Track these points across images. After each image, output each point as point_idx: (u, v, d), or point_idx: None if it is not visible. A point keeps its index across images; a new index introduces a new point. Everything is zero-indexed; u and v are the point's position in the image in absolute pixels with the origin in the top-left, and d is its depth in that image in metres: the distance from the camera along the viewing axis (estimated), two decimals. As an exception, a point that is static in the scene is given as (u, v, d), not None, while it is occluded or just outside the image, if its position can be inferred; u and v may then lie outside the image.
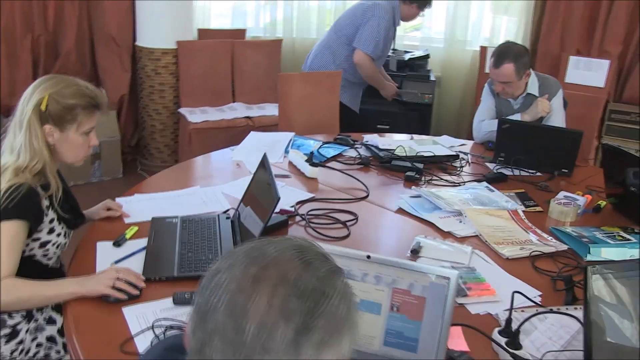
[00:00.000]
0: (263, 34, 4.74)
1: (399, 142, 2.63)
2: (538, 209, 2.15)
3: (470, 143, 2.91)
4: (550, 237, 1.90)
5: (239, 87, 4.27)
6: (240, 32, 4.55)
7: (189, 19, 4.11)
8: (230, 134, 3.84)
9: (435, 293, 1.22)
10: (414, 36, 5.06)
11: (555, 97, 2.71)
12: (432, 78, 4.54)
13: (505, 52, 2.62)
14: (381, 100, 4.38)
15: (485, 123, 2.83)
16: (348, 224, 1.91)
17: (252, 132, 2.69)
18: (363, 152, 2.59)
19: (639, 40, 4.46)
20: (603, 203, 2.21)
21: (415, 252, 1.73)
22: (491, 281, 1.62)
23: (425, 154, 2.52)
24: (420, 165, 2.41)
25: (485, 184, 2.28)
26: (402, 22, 3.62)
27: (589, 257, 1.77)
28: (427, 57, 4.58)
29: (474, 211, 2.02)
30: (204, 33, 4.35)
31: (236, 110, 4.07)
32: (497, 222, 1.98)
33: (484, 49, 4.75)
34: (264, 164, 1.78)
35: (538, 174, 2.51)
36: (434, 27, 4.99)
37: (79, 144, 1.58)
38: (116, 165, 4.06)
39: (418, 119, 4.52)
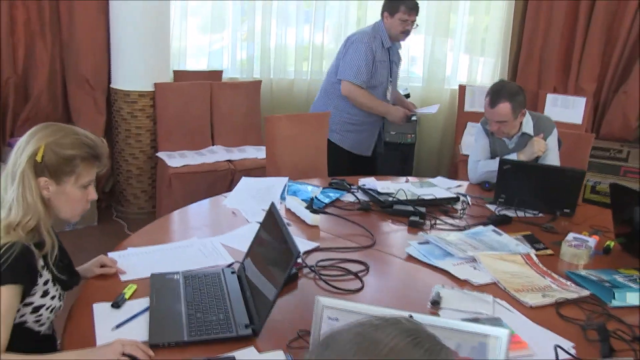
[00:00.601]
0: (240, 74, 4.67)
1: (398, 186, 2.56)
2: (549, 252, 2.08)
3: (465, 184, 2.86)
4: (569, 282, 1.83)
5: (219, 130, 4.16)
6: (217, 74, 4.47)
7: (166, 61, 4.00)
8: (212, 178, 3.72)
9: (484, 354, 1.12)
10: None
11: (550, 136, 2.70)
12: (414, 118, 4.53)
13: (501, 91, 2.59)
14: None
15: (481, 163, 2.79)
16: (360, 274, 1.80)
17: (243, 178, 2.58)
18: (361, 196, 2.50)
19: (612, 77, 4.57)
20: (612, 243, 2.16)
21: (435, 304, 1.63)
22: (519, 332, 1.53)
23: (426, 197, 2.44)
24: (423, 209, 2.32)
25: (491, 227, 2.20)
26: (400, 41, 3.44)
27: (614, 303, 1.71)
28: (407, 96, 4.57)
29: (487, 257, 1.94)
30: (179, 75, 4.24)
31: (216, 154, 3.95)
32: (512, 268, 1.90)
33: (462, 88, 4.79)
34: (273, 214, 1.66)
35: (540, 214, 2.46)
36: (413, 66, 5.01)
37: (77, 198, 1.44)
38: (90, 212, 3.86)
39: (401, 159, 4.49)
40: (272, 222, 1.64)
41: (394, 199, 2.39)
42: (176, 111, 3.93)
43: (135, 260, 1.77)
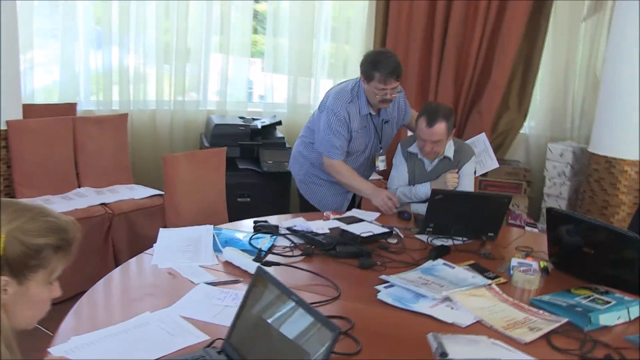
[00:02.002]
0: (96, 107, 4.18)
1: (329, 224, 2.43)
2: (502, 280, 2.11)
3: (376, 214, 2.81)
4: (541, 311, 1.86)
5: (85, 170, 3.66)
6: (71, 107, 3.94)
7: (17, 94, 3.42)
8: (87, 226, 3.23)
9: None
10: (257, 102, 4.92)
11: (468, 162, 2.83)
12: (288, 145, 4.44)
13: (436, 110, 2.68)
14: (238, 171, 4.14)
15: (399, 191, 2.79)
16: (350, 332, 1.64)
17: (161, 230, 2.25)
18: (296, 239, 2.33)
19: (465, 99, 4.92)
20: (543, 264, 2.26)
21: (444, 356, 1.54)
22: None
23: (364, 234, 2.35)
24: (368, 249, 2.23)
25: (441, 260, 2.18)
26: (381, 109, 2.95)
27: (589, 327, 1.77)
28: (279, 123, 4.47)
29: (459, 295, 1.90)
30: (29, 109, 3.65)
31: (86, 197, 3.46)
32: (485, 303, 1.88)
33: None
34: (265, 280, 1.43)
35: (467, 241, 2.51)
36: (277, 92, 4.92)
37: (42, 299, 1.10)
38: None
39: (279, 189, 4.35)
40: (269, 291, 1.41)
41: (335, 240, 2.25)
42: (34, 151, 3.36)
43: (86, 353, 1.41)
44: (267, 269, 1.86)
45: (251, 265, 1.97)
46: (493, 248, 2.46)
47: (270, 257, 2.14)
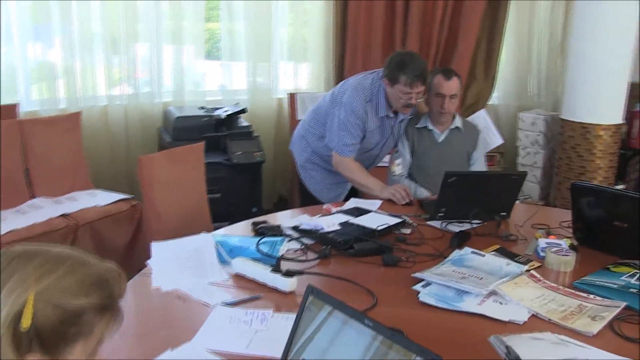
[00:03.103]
0: (40, 107, 3.76)
1: (337, 219, 2.22)
2: (537, 264, 1.96)
3: (378, 202, 2.62)
4: (592, 296, 1.72)
5: (37, 178, 3.26)
6: (11, 109, 3.52)
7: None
8: (48, 242, 2.87)
9: None
10: (214, 90, 4.60)
11: (480, 141, 2.91)
12: (256, 134, 4.17)
13: (448, 68, 2.77)
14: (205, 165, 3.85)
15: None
16: (405, 346, 1.44)
17: (153, 244, 1.96)
18: (306, 240, 2.10)
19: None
20: (569, 242, 2.14)
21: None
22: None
23: (380, 227, 2.15)
24: (388, 243, 2.03)
25: (469, 249, 2.01)
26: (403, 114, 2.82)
27: (646, 309, 1.65)
28: (243, 111, 4.18)
29: (506, 287, 1.73)
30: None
31: (43, 209, 3.08)
32: (533, 293, 1.73)
33: (292, 96, 4.57)
34: (320, 301, 1.20)
35: (479, 223, 2.35)
36: (236, 78, 4.61)
37: None
38: None
39: (250, 181, 4.09)
40: (334, 317, 1.18)
41: (350, 237, 2.04)
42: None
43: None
44: (289, 279, 1.66)
45: (270, 277, 1.73)
46: (510, 228, 2.32)
47: (283, 264, 1.91)
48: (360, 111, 2.67)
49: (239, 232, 2.22)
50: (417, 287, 1.75)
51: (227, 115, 4.04)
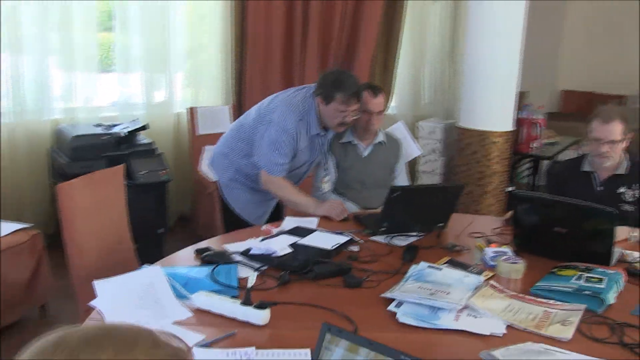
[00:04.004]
0: None
1: (287, 240, 2.13)
2: (489, 273, 2.02)
3: (314, 220, 2.56)
4: (552, 301, 1.80)
5: None
6: None
7: None
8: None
9: None
10: (107, 106, 4.28)
11: (401, 155, 2.86)
12: (159, 151, 3.94)
13: (374, 85, 2.79)
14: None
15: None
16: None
17: (96, 283, 1.75)
18: (258, 265, 1.98)
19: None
20: (505, 248, 2.22)
21: None
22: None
23: (330, 248, 2.09)
24: (347, 264, 1.98)
25: (425, 264, 2.01)
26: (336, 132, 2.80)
27: (600, 309, 1.75)
28: (144, 127, 3.93)
29: (477, 300, 1.75)
30: None
31: None
32: (501, 303, 1.77)
33: (192, 110, 4.39)
34: (338, 338, 1.12)
35: (420, 235, 2.38)
36: (131, 92, 4.32)
37: None
38: None
39: (155, 201, 3.84)
40: (357, 356, 1.11)
41: (307, 260, 1.96)
42: None
43: None
44: (262, 311, 1.57)
45: (240, 311, 1.61)
46: (449, 238, 2.37)
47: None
48: (293, 130, 2.59)
49: (180, 262, 2.06)
50: (392, 307, 1.72)
51: (128, 132, 3.78)
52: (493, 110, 4.22)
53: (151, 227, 3.75)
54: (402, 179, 3.03)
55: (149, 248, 2.49)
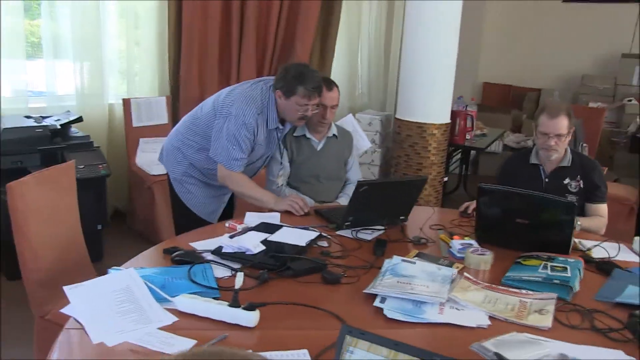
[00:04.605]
0: None
1: (258, 237, 2.08)
2: (459, 265, 2.07)
3: (276, 215, 2.52)
4: (524, 290, 1.87)
5: None
6: None
7: None
8: None
9: None
10: (35, 97, 4.00)
11: (353, 149, 2.91)
12: (96, 144, 3.74)
13: (328, 79, 2.69)
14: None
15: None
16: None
17: (67, 289, 1.63)
18: (231, 264, 1.93)
19: (268, 74, 4.77)
20: (468, 239, 2.30)
21: None
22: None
23: (304, 245, 2.07)
24: (322, 261, 1.97)
25: (399, 258, 2.03)
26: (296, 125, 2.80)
27: (569, 297, 1.84)
28: (78, 120, 3.72)
29: (458, 293, 1.79)
30: None
31: None
32: (479, 295, 1.82)
33: (127, 102, 4.20)
34: (359, 340, 1.11)
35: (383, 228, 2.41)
36: (62, 84, 4.06)
37: None
38: None
39: (94, 196, 3.64)
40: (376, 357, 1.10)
41: (281, 257, 1.93)
42: None
43: None
44: (252, 313, 1.53)
45: (229, 314, 1.56)
46: (412, 231, 2.41)
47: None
48: (252, 124, 2.53)
49: (145, 262, 1.96)
50: (377, 303, 1.72)
51: (62, 124, 3.56)
52: (431, 103, 4.33)
53: (90, 223, 3.55)
54: (354, 172, 3.05)
55: (88, 245, 2.36)
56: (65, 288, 1.63)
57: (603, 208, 2.73)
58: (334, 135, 2.96)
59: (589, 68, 7.41)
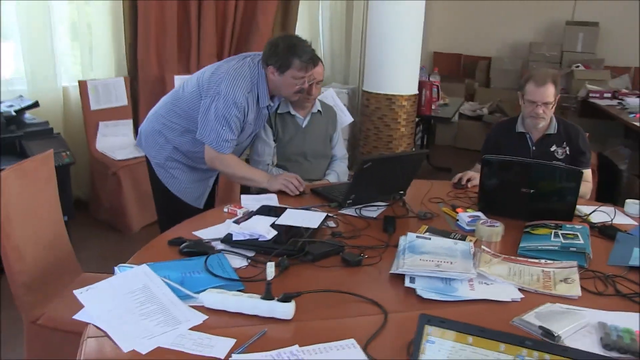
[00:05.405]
0: None
1: (267, 221, 1.98)
2: (471, 238, 2.05)
3: (273, 196, 2.42)
4: (543, 260, 1.87)
5: None
6: None
7: None
8: None
9: None
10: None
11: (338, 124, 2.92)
12: (56, 131, 3.51)
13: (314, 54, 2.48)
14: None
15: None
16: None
17: (78, 293, 1.49)
18: (246, 252, 1.82)
19: (228, 53, 4.60)
20: (472, 211, 2.28)
21: (550, 336, 1.40)
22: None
23: (316, 227, 1.99)
24: (339, 243, 1.90)
25: (413, 234, 1.98)
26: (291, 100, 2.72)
27: (586, 264, 1.85)
28: (34, 105, 3.47)
29: (485, 268, 1.77)
30: None
31: None
32: (503, 268, 1.80)
33: (83, 84, 3.95)
34: (440, 329, 1.06)
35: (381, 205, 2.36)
36: (9, 67, 3.76)
37: None
38: None
39: (59, 187, 3.40)
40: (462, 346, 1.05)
41: (302, 240, 1.85)
42: None
43: None
44: (288, 305, 1.45)
45: (263, 307, 1.47)
46: (414, 206, 2.37)
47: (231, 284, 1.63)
48: (243, 103, 2.40)
49: (152, 257, 1.83)
50: (408, 284, 1.67)
51: (18, 109, 3.30)
52: (400, 74, 4.30)
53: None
54: (340, 148, 2.98)
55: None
56: (76, 292, 1.49)
57: (588, 173, 2.77)
58: (318, 111, 2.87)
59: (536, 36, 7.59)
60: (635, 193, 4.19)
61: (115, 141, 4.04)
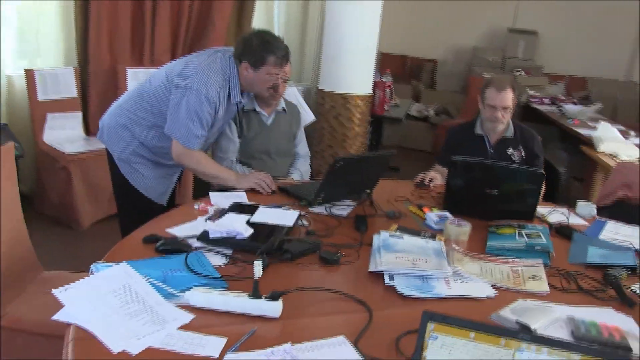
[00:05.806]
0: None
1: (239, 219, 1.97)
2: (441, 237, 2.11)
3: (242, 194, 2.41)
4: (510, 258, 1.95)
5: None
6: None
7: None
8: None
9: None
10: None
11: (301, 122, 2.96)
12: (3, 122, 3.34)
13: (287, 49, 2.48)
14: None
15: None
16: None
17: (56, 292, 1.43)
18: (224, 250, 1.81)
19: (183, 48, 4.52)
20: (437, 211, 2.35)
21: (526, 329, 1.47)
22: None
23: (291, 225, 1.99)
24: (315, 241, 1.91)
25: (385, 233, 2.02)
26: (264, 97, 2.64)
27: (549, 262, 1.96)
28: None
29: (460, 265, 1.83)
30: None
31: None
32: (475, 266, 1.87)
33: (30, 73, 3.79)
34: (444, 325, 1.10)
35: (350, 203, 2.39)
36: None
37: None
38: None
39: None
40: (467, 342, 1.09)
41: (280, 239, 1.85)
42: None
43: None
44: (275, 303, 1.46)
45: (251, 305, 1.46)
46: (382, 205, 2.41)
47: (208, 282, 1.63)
48: (215, 99, 2.37)
49: (126, 254, 1.79)
50: (388, 281, 1.71)
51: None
52: (355, 74, 4.34)
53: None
54: (303, 146, 2.99)
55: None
56: (55, 292, 1.44)
57: (541, 175, 2.90)
58: (282, 109, 2.87)
59: (479, 40, 7.84)
60: (573, 194, 4.42)
61: (64, 134, 3.89)
